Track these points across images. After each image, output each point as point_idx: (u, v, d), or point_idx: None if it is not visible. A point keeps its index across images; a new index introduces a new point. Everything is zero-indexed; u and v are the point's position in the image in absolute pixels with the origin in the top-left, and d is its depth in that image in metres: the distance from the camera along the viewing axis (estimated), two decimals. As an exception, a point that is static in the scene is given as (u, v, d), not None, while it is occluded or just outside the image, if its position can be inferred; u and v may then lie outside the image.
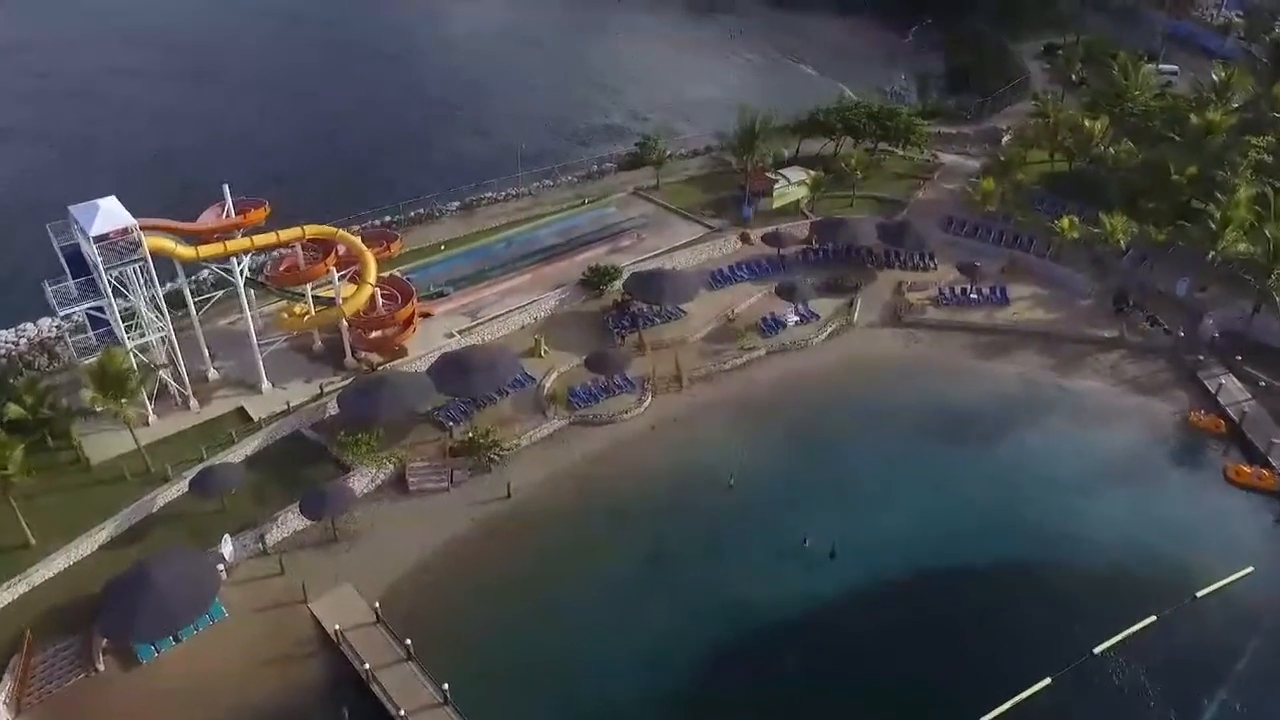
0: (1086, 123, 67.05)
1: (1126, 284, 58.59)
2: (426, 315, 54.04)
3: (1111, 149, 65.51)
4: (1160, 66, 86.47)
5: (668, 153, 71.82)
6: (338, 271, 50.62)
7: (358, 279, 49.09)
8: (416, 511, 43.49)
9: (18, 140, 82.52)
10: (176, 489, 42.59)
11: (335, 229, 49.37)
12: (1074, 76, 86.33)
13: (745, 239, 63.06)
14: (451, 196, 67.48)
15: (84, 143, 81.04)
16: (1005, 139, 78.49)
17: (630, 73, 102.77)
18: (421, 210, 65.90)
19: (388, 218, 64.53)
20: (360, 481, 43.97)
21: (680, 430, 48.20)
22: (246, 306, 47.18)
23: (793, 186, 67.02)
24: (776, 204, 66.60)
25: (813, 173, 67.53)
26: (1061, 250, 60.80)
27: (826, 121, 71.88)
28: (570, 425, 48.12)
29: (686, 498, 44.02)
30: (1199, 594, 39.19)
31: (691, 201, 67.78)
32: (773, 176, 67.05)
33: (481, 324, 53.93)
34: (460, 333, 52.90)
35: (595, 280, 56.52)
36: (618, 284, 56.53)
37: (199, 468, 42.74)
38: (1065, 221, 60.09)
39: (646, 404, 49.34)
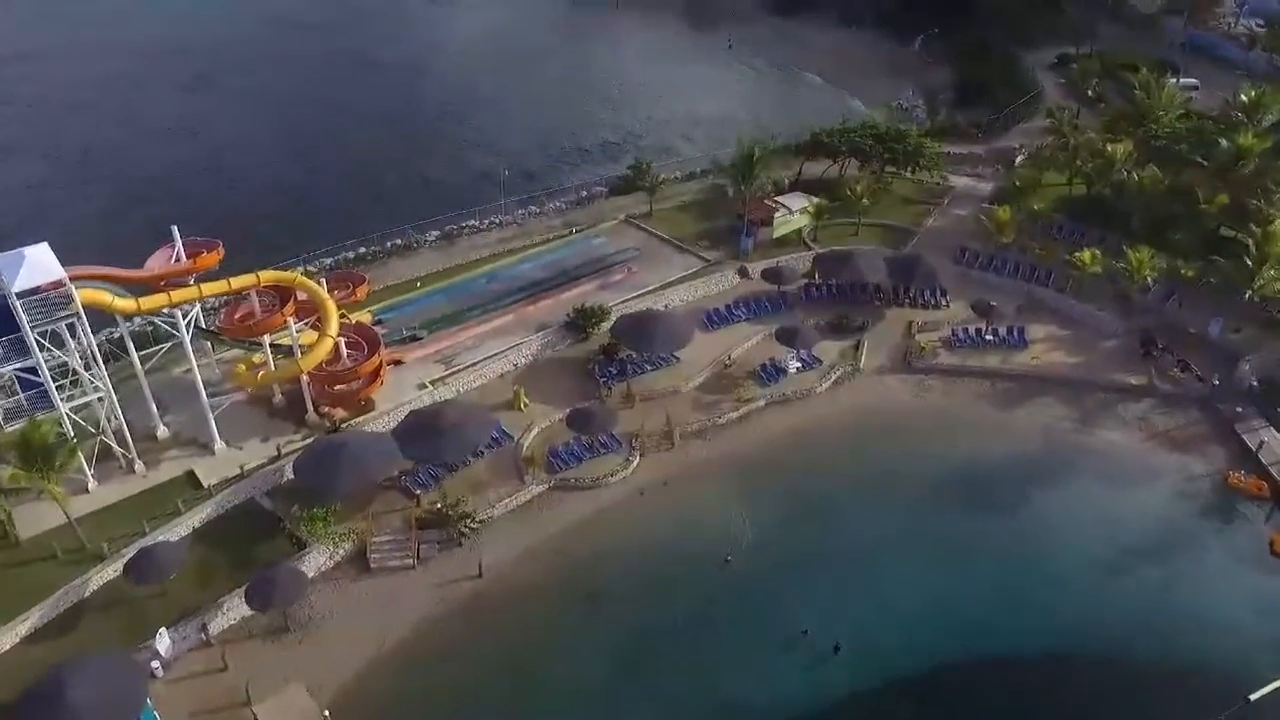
0: (1108, 146, 62.76)
1: (1154, 324, 54.36)
2: (397, 362, 49.96)
3: (1134, 175, 61.16)
4: (1181, 81, 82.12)
5: (661, 178, 67.67)
6: (300, 319, 46.71)
7: (320, 326, 45.02)
8: (378, 593, 39.36)
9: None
10: (113, 569, 38.45)
11: (294, 275, 45.31)
12: (1090, 92, 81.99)
13: (743, 273, 58.88)
14: (431, 226, 63.40)
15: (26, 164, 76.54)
16: (1018, 159, 74.35)
17: (625, 86, 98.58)
18: (399, 241, 61.83)
19: (362, 249, 60.53)
20: (317, 559, 39.89)
21: (671, 495, 44.05)
22: (194, 362, 43.03)
23: (794, 215, 62.81)
24: (777, 233, 62.42)
25: (815, 200, 63.29)
26: (1082, 285, 56.56)
27: (830, 143, 67.62)
28: (551, 490, 44.00)
29: (677, 576, 39.89)
30: (1252, 697, 34.92)
31: (687, 230, 63.63)
32: (773, 204, 62.83)
33: (457, 372, 49.81)
34: (433, 383, 48.78)
35: (581, 322, 52.38)
36: (605, 325, 52.41)
37: (137, 546, 38.63)
38: (1087, 255, 55.87)
39: (634, 465, 45.19)
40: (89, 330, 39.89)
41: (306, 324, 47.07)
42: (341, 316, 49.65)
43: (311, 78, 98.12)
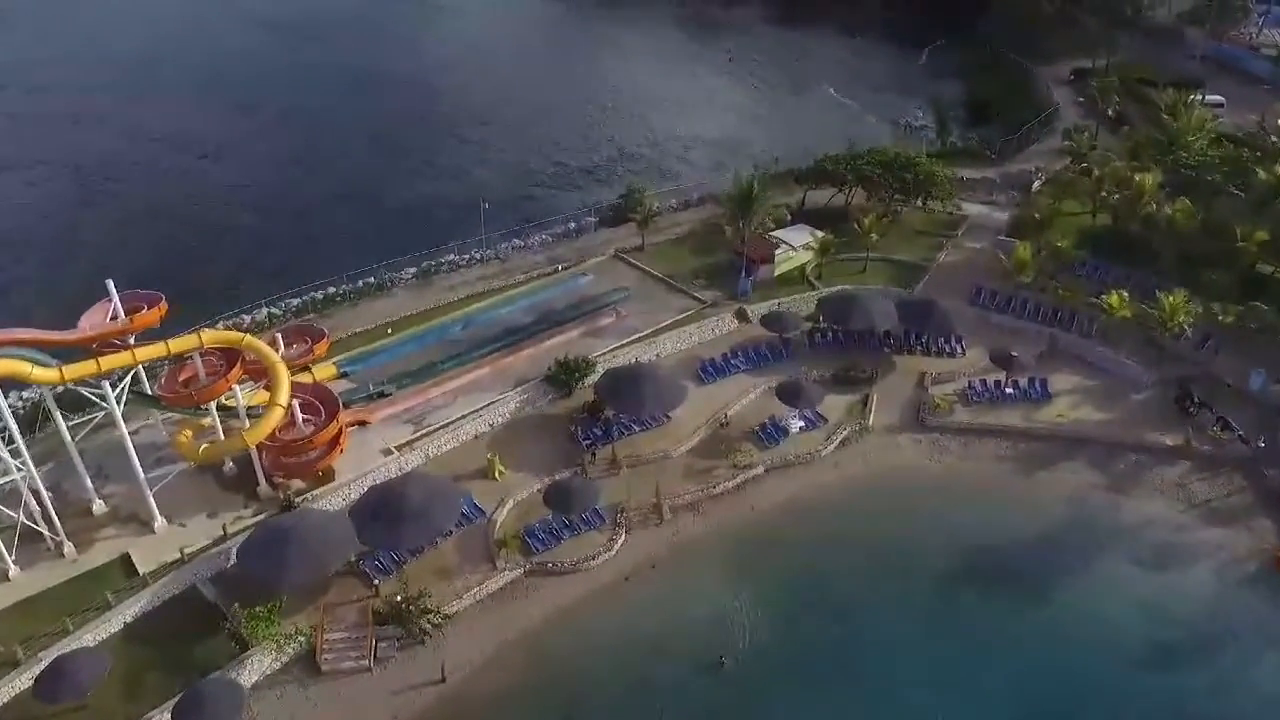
0: (1135, 176, 58.23)
1: (1189, 375, 49.85)
2: (362, 423, 45.59)
3: (1165, 209, 56.63)
4: (1206, 97, 77.61)
5: (655, 208, 63.27)
6: (256, 380, 42.41)
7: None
8: (329, 700, 34.98)
9: None
10: (27, 676, 34.13)
11: (241, 335, 40.84)
12: (1110, 111, 77.34)
13: (742, 316, 54.45)
14: (407, 263, 59.00)
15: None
16: (1035, 184, 69.84)
17: (621, 101, 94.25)
18: (371, 280, 57.41)
19: (332, 289, 56.15)
20: (262, 661, 35.52)
21: (660, 581, 39.60)
22: (126, 435, 38.63)
23: (797, 252, 58.36)
24: (779, 271, 57.99)
25: (820, 234, 58.80)
26: (1109, 330, 52.06)
27: (835, 171, 63.14)
28: (526, 574, 39.55)
29: (665, 681, 35.43)
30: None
31: (681, 267, 59.21)
32: (774, 239, 58.34)
33: (427, 434, 45.41)
34: (400, 448, 44.39)
35: (564, 377, 47.97)
36: (591, 379, 48.03)
37: (57, 649, 34.34)
38: (1114, 298, 51.38)
39: (619, 544, 40.76)
40: (4, 406, 35.57)
41: (260, 386, 42.78)
42: (304, 369, 45.55)
43: (276, 94, 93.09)
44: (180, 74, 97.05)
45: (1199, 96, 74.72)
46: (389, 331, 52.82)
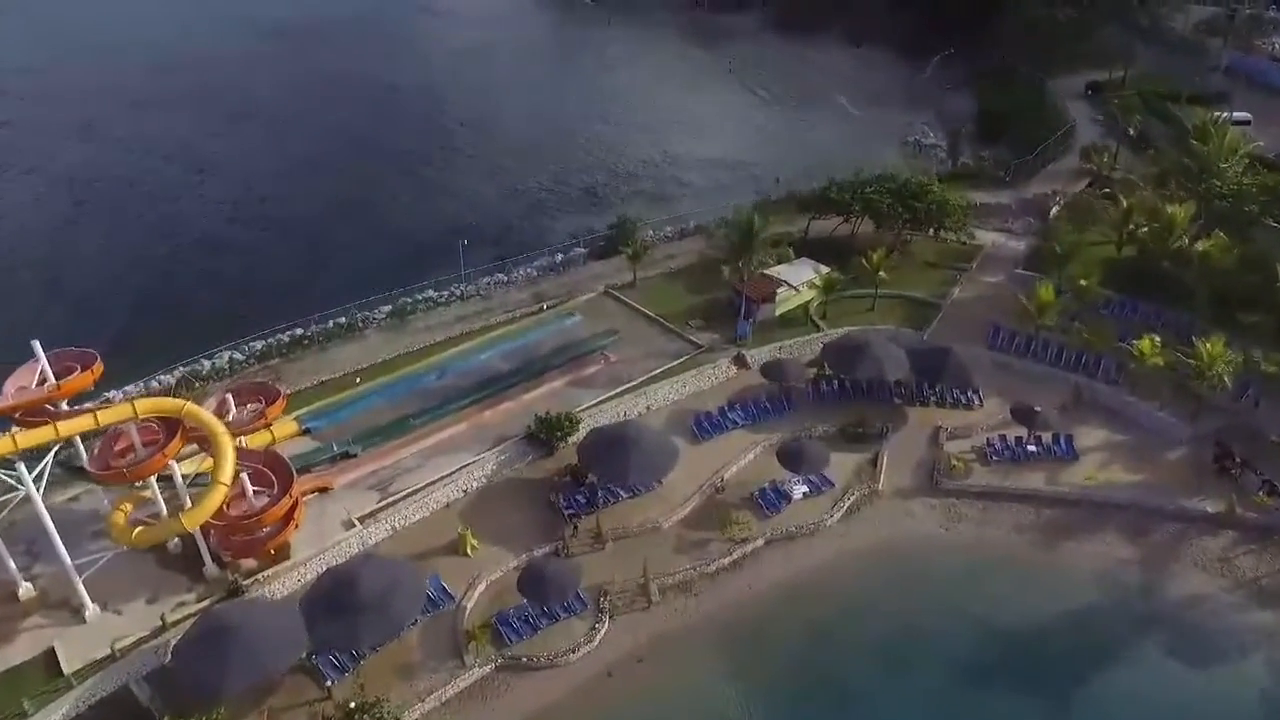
0: (1166, 208, 54.02)
1: (1227, 428, 45.63)
2: (324, 489, 41.57)
3: (1199, 244, 52.43)
4: (1233, 115, 73.26)
5: (649, 238, 59.27)
6: (204, 446, 38.40)
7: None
8: (271, 825, 31.00)
9: None
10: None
11: (182, 402, 36.71)
12: (1130, 130, 73.06)
13: (741, 362, 50.37)
14: (381, 300, 55.01)
15: None
16: (1054, 209, 65.71)
17: (616, 117, 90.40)
18: (343, 321, 53.41)
19: (300, 330, 52.23)
20: (197, 779, 31.54)
21: (646, 677, 35.45)
22: (47, 520, 34.54)
23: (800, 289, 54.26)
24: (781, 310, 53.90)
25: (824, 272, 54.64)
26: (1139, 379, 47.89)
27: (840, 200, 58.97)
28: (497, 670, 35.46)
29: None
30: None
31: (675, 305, 55.12)
32: (775, 276, 54.20)
33: (395, 503, 41.33)
34: (363, 519, 40.33)
35: (545, 435, 43.90)
36: (575, 436, 43.99)
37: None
38: (1145, 343, 47.24)
39: (601, 634, 36.62)
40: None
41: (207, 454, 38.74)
42: (268, 426, 41.39)
43: (250, 110, 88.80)
44: (130, 104, 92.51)
45: (1225, 114, 70.40)
46: (358, 381, 48.84)
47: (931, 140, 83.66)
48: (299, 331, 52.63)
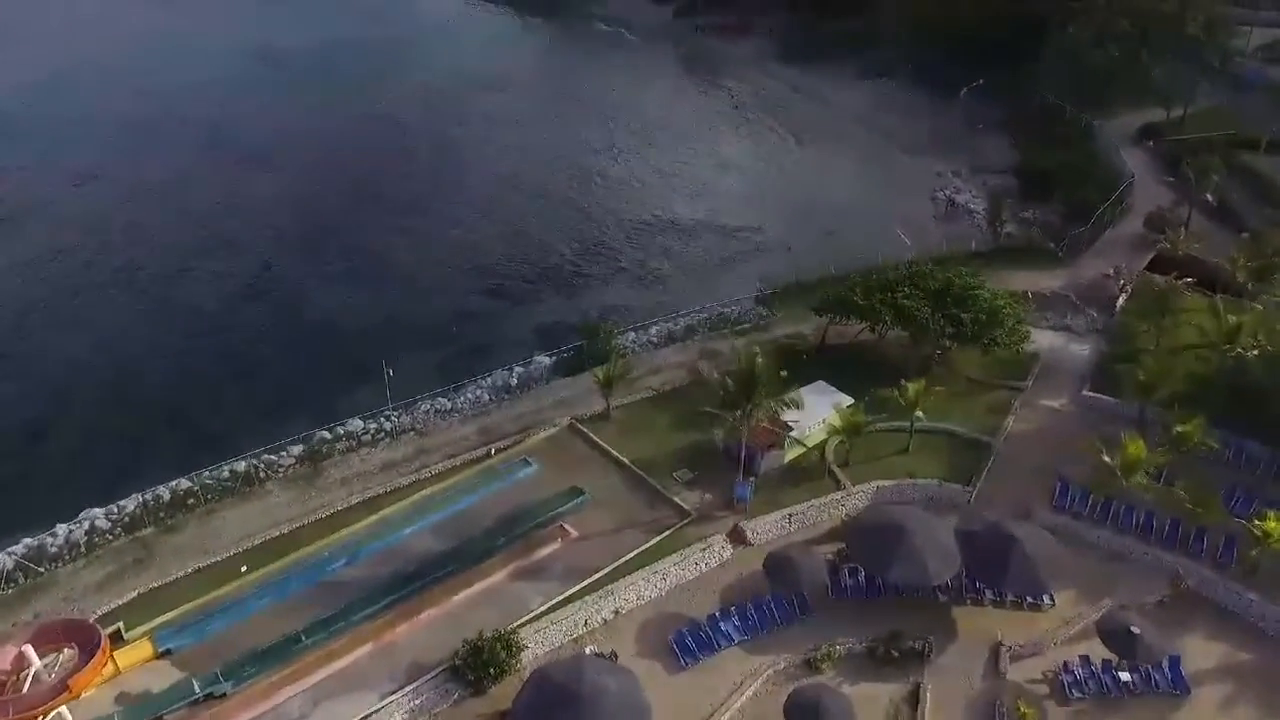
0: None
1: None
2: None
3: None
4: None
5: (629, 340, 48.32)
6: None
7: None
8: None
9: None
10: None
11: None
12: (1209, 197, 61.31)
13: (738, 537, 39.15)
14: (290, 441, 44.09)
15: None
16: (1120, 299, 54.39)
17: (598, 167, 79.27)
18: (239, 469, 42.43)
19: (179, 481, 41.38)
20: None
21: None
22: None
23: (813, 429, 42.96)
24: (790, 457, 42.66)
25: (846, 405, 43.26)
26: (1262, 566, 36.53)
27: (866, 305, 47.54)
28: None
29: None
30: None
31: (659, 445, 43.98)
32: (780, 429, 42.36)
33: (263, 785, 30.28)
34: (214, 818, 29.29)
35: (474, 671, 32.73)
36: (516, 669, 32.86)
37: None
38: (1271, 521, 35.89)
39: None
40: None
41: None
42: (110, 659, 30.46)
43: (143, 172, 75.16)
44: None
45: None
46: (243, 570, 37.72)
47: (965, 198, 72.17)
48: (186, 484, 41.76)
